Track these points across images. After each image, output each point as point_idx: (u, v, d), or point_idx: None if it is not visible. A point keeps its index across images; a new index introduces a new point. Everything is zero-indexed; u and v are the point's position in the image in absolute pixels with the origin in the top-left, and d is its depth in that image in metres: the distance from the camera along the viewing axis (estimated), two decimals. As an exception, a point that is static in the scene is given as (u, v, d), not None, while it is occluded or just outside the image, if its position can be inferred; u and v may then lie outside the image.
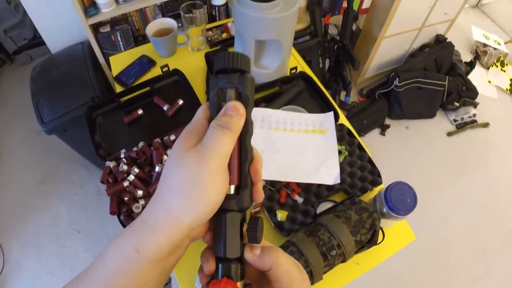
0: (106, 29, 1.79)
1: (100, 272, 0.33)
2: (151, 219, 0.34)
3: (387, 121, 2.47)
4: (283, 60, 1.12)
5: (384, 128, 2.42)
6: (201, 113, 0.37)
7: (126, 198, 0.88)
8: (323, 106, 1.15)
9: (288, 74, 1.20)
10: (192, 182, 0.33)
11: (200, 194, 0.33)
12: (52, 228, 1.97)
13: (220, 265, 0.36)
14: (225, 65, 0.36)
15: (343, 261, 0.83)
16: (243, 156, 0.36)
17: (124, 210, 0.88)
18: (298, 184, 0.97)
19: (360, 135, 2.32)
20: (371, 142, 2.39)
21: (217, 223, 0.36)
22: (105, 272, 0.33)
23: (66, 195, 2.07)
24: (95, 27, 1.79)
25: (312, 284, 0.80)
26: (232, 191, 0.36)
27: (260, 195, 0.38)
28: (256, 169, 0.37)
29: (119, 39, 1.81)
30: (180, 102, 1.11)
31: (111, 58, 1.32)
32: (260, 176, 0.38)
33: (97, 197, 2.06)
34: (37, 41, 2.46)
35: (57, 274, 1.84)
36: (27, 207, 2.03)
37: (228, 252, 0.35)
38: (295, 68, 1.20)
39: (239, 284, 0.35)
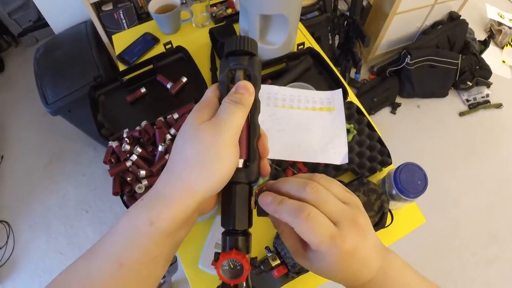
0: (109, 7, 1.76)
1: (112, 245, 0.35)
2: (166, 191, 0.35)
3: (398, 99, 2.42)
4: (290, 36, 1.07)
5: (395, 107, 2.37)
6: (211, 92, 0.40)
7: (129, 179, 0.86)
8: (331, 83, 1.11)
9: (295, 50, 1.16)
10: (208, 152, 0.35)
11: (216, 164, 0.35)
12: (60, 209, 1.98)
13: (228, 237, 0.38)
14: (235, 48, 0.39)
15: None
16: (251, 132, 0.39)
17: (127, 191, 0.87)
18: (305, 164, 0.94)
19: (370, 114, 2.28)
20: (381, 121, 2.35)
21: (226, 196, 0.38)
22: (117, 245, 0.34)
23: (74, 175, 2.08)
24: (97, 6, 1.77)
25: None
26: (240, 165, 0.38)
27: (267, 169, 0.40)
28: (264, 144, 0.40)
29: (122, 17, 1.78)
30: (184, 79, 1.08)
31: (114, 37, 1.29)
32: (267, 151, 0.40)
33: (104, 177, 2.07)
34: (41, 22, 2.44)
35: (66, 253, 1.86)
36: (35, 188, 2.05)
37: (237, 224, 0.37)
38: (303, 44, 1.16)
39: (247, 256, 0.37)
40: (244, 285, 0.37)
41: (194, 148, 0.35)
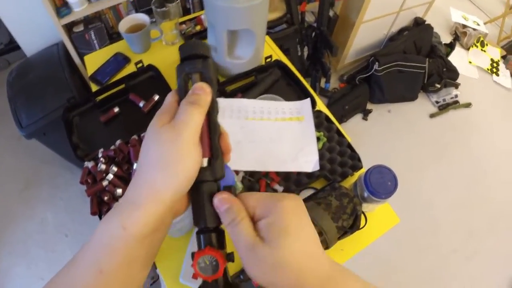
0: (80, 28, 1.76)
1: (91, 253, 0.35)
2: (134, 196, 0.36)
3: (369, 105, 2.48)
4: (257, 49, 1.11)
5: (366, 113, 2.43)
6: (170, 97, 0.41)
7: (106, 198, 0.87)
8: (300, 94, 1.14)
9: (263, 63, 1.19)
10: (169, 154, 0.35)
11: (178, 164, 0.35)
12: (39, 234, 1.94)
13: (201, 235, 0.38)
14: (189, 53, 0.41)
15: (326, 248, 0.83)
16: (212, 131, 0.40)
17: (105, 210, 0.87)
18: (278, 173, 0.97)
19: (342, 121, 2.33)
20: (354, 128, 2.40)
21: (194, 195, 0.39)
22: (95, 252, 0.35)
23: (51, 200, 2.04)
24: (69, 27, 1.76)
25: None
26: (205, 164, 0.39)
27: (228, 159, 0.42)
28: (226, 141, 0.41)
29: (94, 37, 1.79)
30: (156, 97, 1.10)
31: (86, 58, 1.29)
32: (230, 147, 0.41)
33: (82, 199, 2.04)
34: (13, 45, 2.40)
35: (48, 279, 1.76)
36: (12, 215, 1.99)
37: (208, 221, 0.38)
38: (270, 56, 1.19)
39: (221, 252, 0.37)
40: (223, 280, 0.37)
41: (156, 151, 0.36)
